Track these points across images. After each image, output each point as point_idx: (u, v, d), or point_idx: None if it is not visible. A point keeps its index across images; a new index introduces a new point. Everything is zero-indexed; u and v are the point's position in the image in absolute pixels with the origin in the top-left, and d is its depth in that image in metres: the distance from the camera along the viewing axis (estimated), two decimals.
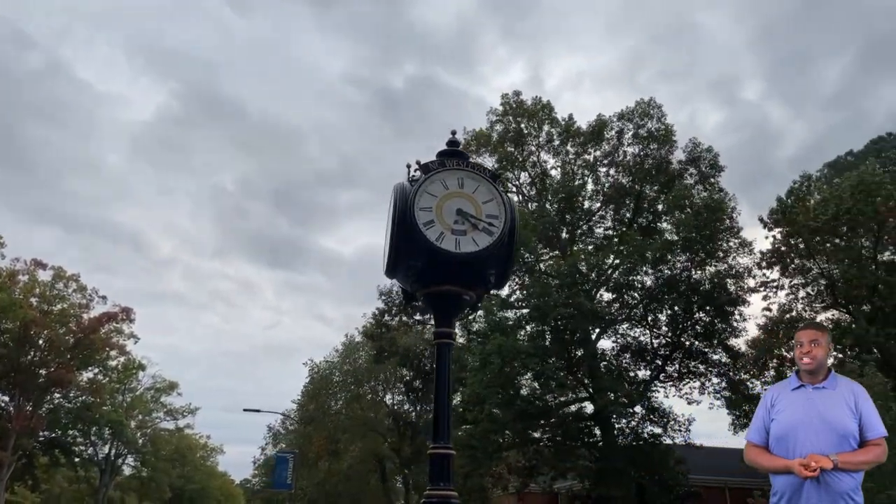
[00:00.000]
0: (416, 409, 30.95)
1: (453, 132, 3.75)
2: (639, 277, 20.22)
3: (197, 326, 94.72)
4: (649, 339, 21.07)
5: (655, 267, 19.60)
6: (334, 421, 32.47)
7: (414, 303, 3.55)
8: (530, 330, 19.57)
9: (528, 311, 19.32)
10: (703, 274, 20.01)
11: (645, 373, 21.00)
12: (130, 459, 45.27)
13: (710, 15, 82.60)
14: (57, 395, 34.97)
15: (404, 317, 23.72)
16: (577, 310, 17.93)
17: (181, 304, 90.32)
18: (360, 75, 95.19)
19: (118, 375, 38.89)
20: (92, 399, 35.56)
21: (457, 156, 3.50)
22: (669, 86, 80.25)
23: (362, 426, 31.32)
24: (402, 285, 3.44)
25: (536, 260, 20.43)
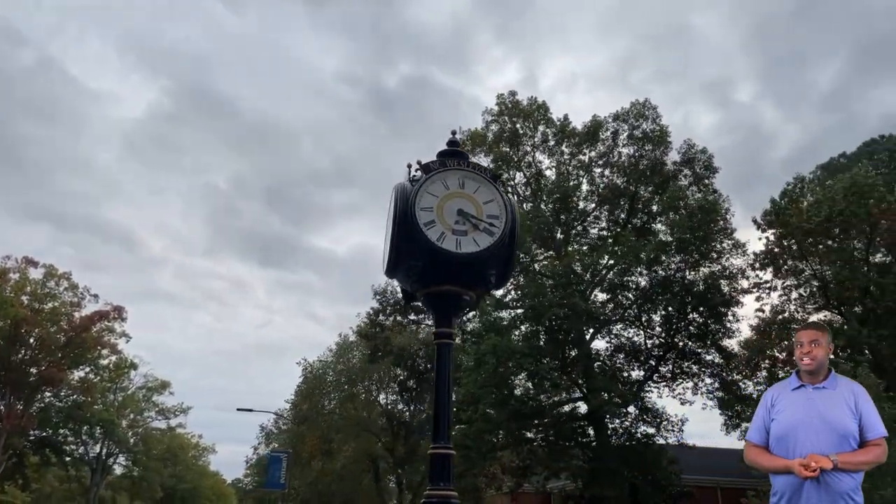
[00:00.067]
0: (409, 408, 30.93)
1: (453, 132, 3.74)
2: (633, 278, 20.30)
3: (188, 325, 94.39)
4: (643, 339, 21.16)
5: (650, 268, 19.68)
6: (328, 420, 32.39)
7: (413, 303, 3.54)
8: (525, 330, 19.61)
9: (522, 311, 19.35)
10: (696, 275, 20.11)
11: (638, 373, 21.09)
12: (122, 459, 45.07)
13: (703, 16, 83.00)
14: (48, 393, 34.76)
15: (399, 316, 23.68)
16: (571, 310, 17.97)
17: (172, 302, 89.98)
18: (354, 74, 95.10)
19: (110, 374, 38.69)
20: (83, 398, 35.37)
21: (457, 156, 3.49)
22: (663, 87, 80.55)
23: (356, 426, 31.26)
24: (402, 285, 3.43)
25: (531, 260, 20.45)
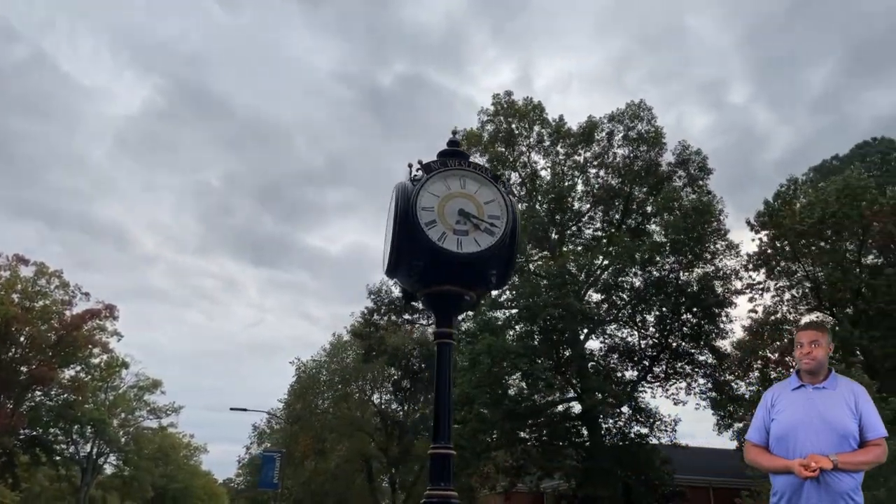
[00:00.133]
0: (403, 408, 30.91)
1: (454, 132, 3.75)
2: (627, 278, 20.38)
3: (180, 324, 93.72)
4: (637, 339, 21.26)
5: (644, 268, 19.75)
6: (321, 420, 32.31)
7: (413, 302, 3.53)
8: (519, 330, 19.63)
9: (517, 311, 19.37)
10: (690, 276, 20.21)
11: (632, 373, 21.18)
12: (112, 458, 44.73)
13: (697, 18, 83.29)
14: (38, 392, 34.46)
15: (393, 316, 23.64)
16: (565, 310, 18.01)
17: (164, 301, 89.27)
18: (349, 73, 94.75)
19: (101, 373, 38.39)
20: (74, 397, 35.08)
21: (458, 156, 3.49)
22: (657, 88, 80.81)
23: (349, 425, 31.20)
24: (402, 285, 3.42)
25: (526, 260, 20.47)
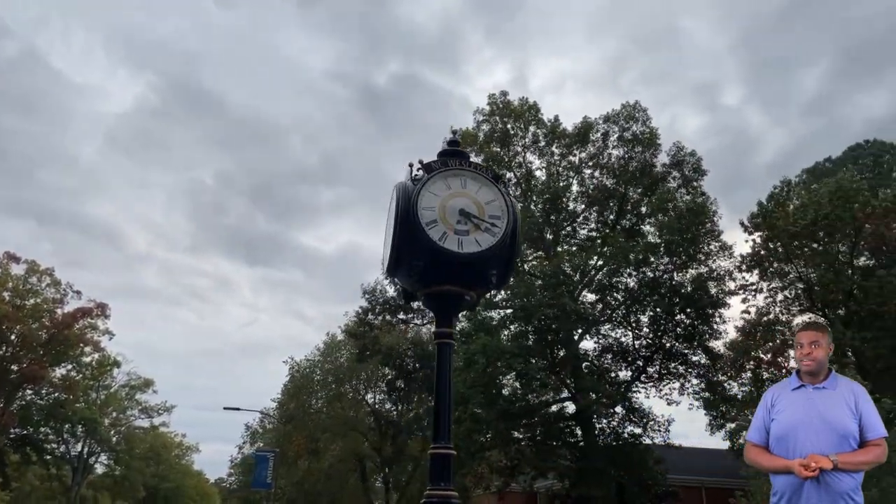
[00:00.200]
0: (397, 408, 30.87)
1: (454, 132, 3.74)
2: (622, 279, 20.40)
3: (172, 323, 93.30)
4: (631, 340, 21.30)
5: (638, 269, 19.81)
6: (315, 420, 32.22)
7: (413, 302, 3.52)
8: (514, 330, 19.64)
9: (512, 311, 19.37)
10: (684, 276, 20.28)
11: (626, 373, 21.22)
12: (104, 458, 44.52)
13: (691, 20, 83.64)
14: (29, 391, 34.21)
15: (388, 315, 23.60)
16: (560, 310, 18.02)
17: (156, 300, 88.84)
18: (344, 72, 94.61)
19: (92, 372, 38.18)
20: (65, 396, 34.86)
21: (458, 155, 3.48)
22: (651, 89, 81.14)
23: (343, 425, 31.14)
24: (402, 284, 3.41)
25: (521, 260, 20.48)
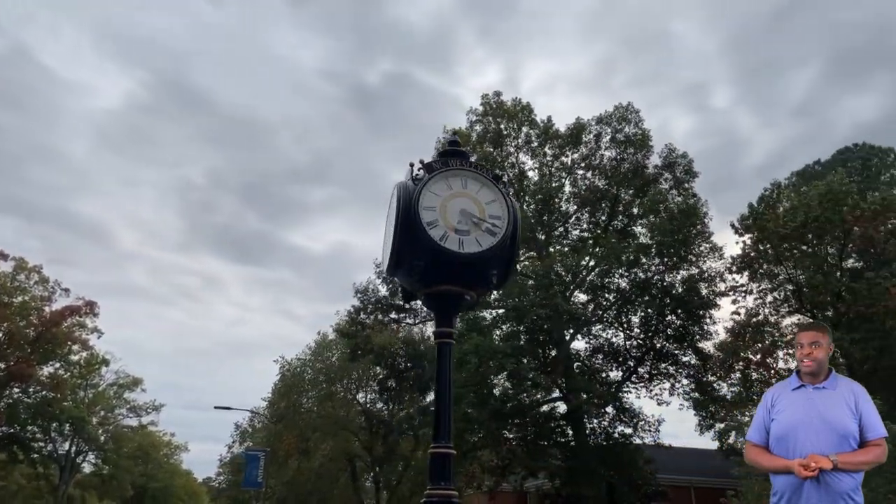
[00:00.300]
0: (389, 407, 30.84)
1: (454, 132, 3.79)
2: (613, 280, 20.53)
3: (161, 321, 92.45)
4: (622, 340, 21.41)
5: (630, 269, 19.93)
6: (305, 419, 32.12)
7: (413, 301, 3.53)
8: (506, 330, 19.69)
9: (504, 311, 19.43)
10: (675, 277, 20.42)
11: (617, 374, 21.34)
12: (91, 456, 44.07)
13: (682, 22, 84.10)
14: (16, 389, 33.83)
15: (380, 315, 23.58)
16: (552, 310, 18.10)
17: (145, 298, 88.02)
18: (335, 70, 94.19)
19: (80, 370, 37.85)
20: (52, 394, 34.51)
21: (459, 155, 3.49)
22: (641, 91, 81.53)
23: (334, 425, 31.05)
24: (402, 284, 3.42)
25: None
